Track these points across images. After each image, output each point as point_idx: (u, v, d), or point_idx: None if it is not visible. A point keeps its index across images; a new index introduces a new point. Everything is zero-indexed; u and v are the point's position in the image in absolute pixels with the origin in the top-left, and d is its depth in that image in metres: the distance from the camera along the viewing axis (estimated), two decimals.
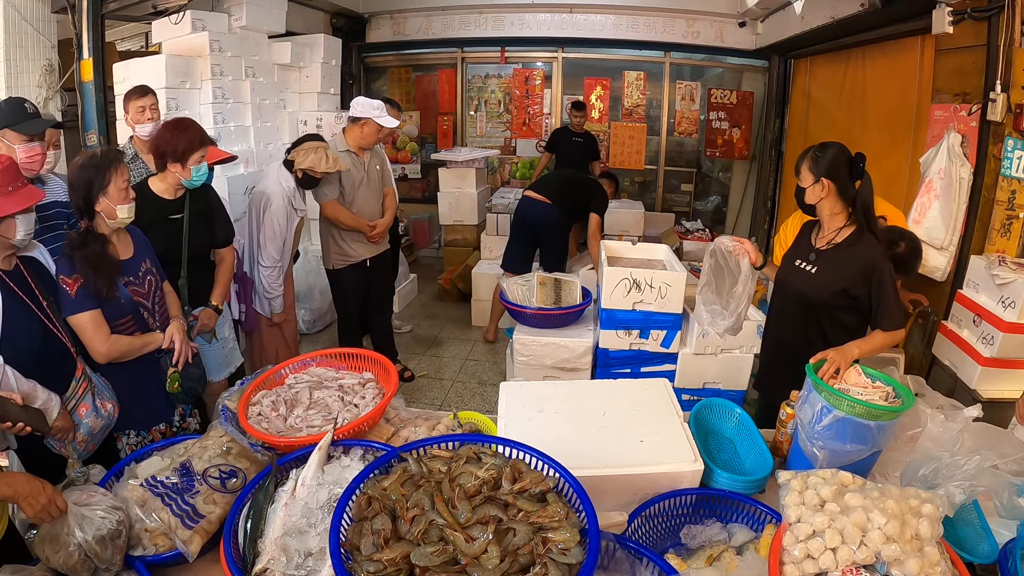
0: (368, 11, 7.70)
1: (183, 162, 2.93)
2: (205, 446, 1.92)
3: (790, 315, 2.72)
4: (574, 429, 2.01)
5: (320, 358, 2.38)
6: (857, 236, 2.53)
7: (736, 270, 2.73)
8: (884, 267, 2.45)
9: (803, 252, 2.69)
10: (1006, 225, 3.51)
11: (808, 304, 2.63)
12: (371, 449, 1.86)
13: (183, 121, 3.02)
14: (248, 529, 1.59)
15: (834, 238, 2.58)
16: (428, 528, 1.35)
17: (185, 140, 2.93)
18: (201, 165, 2.97)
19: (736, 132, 7.97)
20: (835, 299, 2.55)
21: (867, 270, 2.46)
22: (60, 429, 2.08)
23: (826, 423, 1.88)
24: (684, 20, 7.34)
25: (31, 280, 2.16)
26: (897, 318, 2.45)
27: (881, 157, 4.87)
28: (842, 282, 2.51)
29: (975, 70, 3.60)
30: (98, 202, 2.34)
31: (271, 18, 5.49)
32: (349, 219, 4.32)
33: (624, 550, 1.58)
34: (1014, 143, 3.39)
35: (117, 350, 2.37)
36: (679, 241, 6.68)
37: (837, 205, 2.55)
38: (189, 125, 3.00)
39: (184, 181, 2.97)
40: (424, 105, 8.55)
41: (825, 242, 2.61)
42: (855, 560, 1.41)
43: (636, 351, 3.73)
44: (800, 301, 2.66)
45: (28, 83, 4.11)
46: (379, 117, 4.24)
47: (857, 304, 2.53)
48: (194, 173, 2.97)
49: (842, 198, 2.54)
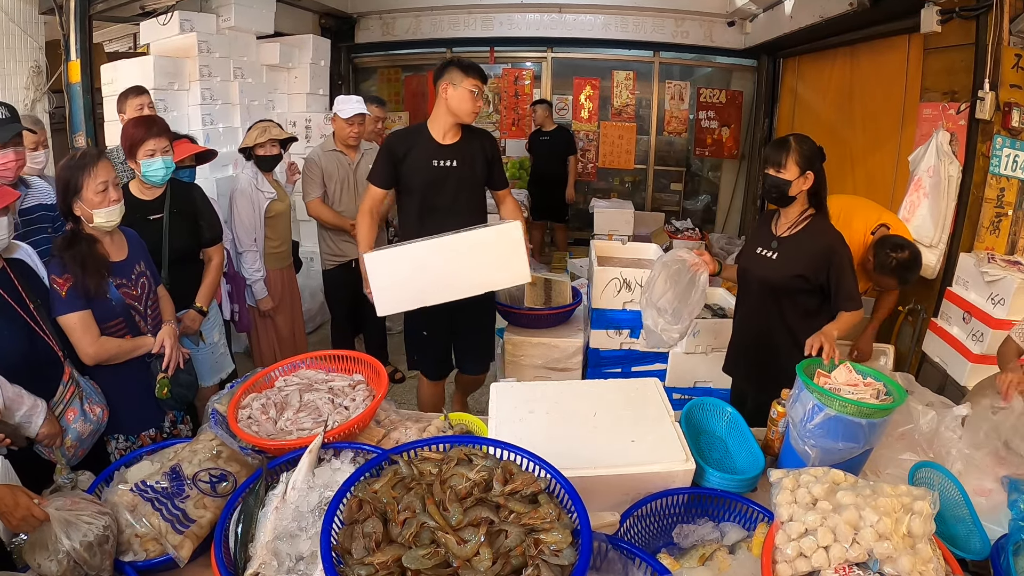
0: (357, 11, 7.67)
1: (133, 157, 2.86)
2: (195, 450, 1.90)
3: (752, 300, 2.85)
4: (565, 429, 2.00)
5: (310, 360, 2.37)
6: (816, 223, 2.66)
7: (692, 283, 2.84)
8: (842, 251, 2.60)
9: (764, 240, 2.79)
10: (995, 223, 3.53)
11: (769, 288, 2.75)
12: (362, 451, 1.85)
13: (140, 117, 2.96)
14: (239, 533, 1.58)
15: (795, 226, 2.70)
16: (419, 531, 1.34)
17: (128, 135, 2.85)
18: (153, 160, 2.85)
19: (725, 131, 7.99)
20: (794, 283, 2.67)
21: (826, 255, 2.59)
22: (47, 435, 2.06)
23: (817, 421, 1.88)
24: (673, 20, 7.35)
25: (17, 282, 2.14)
26: (856, 298, 2.60)
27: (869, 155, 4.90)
28: (801, 267, 2.63)
29: (963, 69, 3.62)
30: (75, 206, 2.32)
31: (259, 19, 5.47)
32: (331, 218, 4.32)
33: (616, 550, 1.58)
34: (1002, 141, 3.41)
35: (105, 352, 2.35)
36: (669, 240, 6.68)
37: (805, 194, 2.65)
38: (142, 121, 2.91)
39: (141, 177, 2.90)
40: (413, 105, 8.52)
41: (786, 229, 2.71)
42: (848, 558, 1.41)
43: (627, 351, 3.74)
44: (762, 286, 2.78)
45: (15, 85, 4.08)
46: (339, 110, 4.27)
47: (815, 288, 2.65)
48: (144, 168, 2.86)
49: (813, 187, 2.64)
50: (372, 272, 2.87)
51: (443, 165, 3.23)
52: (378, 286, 2.90)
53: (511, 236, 2.94)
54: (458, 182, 3.27)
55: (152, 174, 2.88)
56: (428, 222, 3.18)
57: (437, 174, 3.23)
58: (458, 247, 2.88)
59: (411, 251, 2.87)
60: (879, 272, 3.20)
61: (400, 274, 2.88)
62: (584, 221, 7.59)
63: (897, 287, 3.37)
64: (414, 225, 3.27)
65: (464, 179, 3.29)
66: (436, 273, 2.89)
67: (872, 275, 3.26)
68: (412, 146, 3.22)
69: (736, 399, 3.00)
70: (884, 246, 3.18)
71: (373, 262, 2.87)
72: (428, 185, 3.24)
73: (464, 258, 2.90)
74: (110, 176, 2.34)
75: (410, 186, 3.26)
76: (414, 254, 2.87)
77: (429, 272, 2.88)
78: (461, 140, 3.28)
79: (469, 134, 3.30)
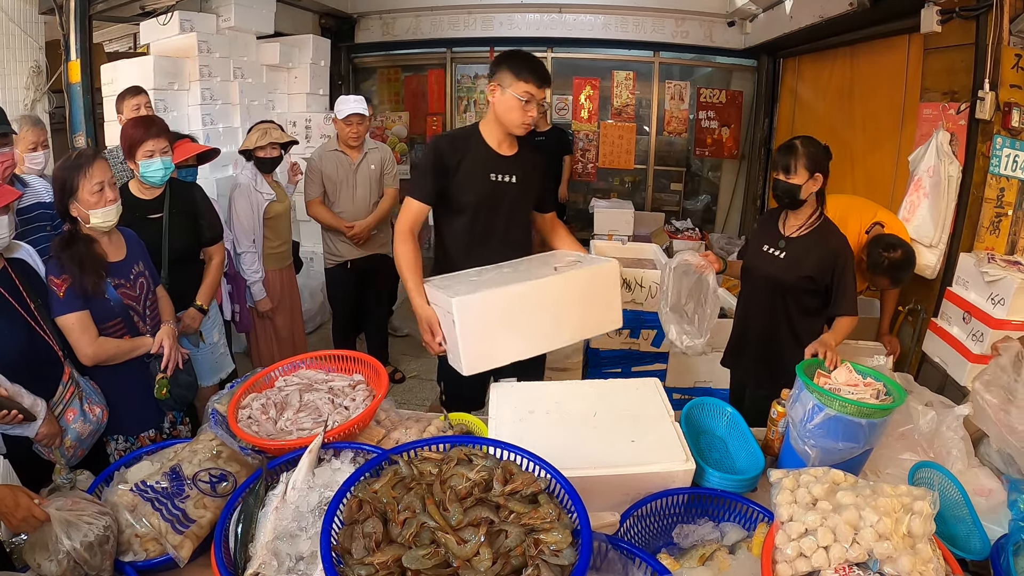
0: (357, 12, 7.67)
1: (132, 157, 2.87)
2: (195, 450, 1.90)
3: (758, 297, 2.91)
4: (565, 430, 2.00)
5: (310, 360, 2.37)
6: (824, 227, 2.74)
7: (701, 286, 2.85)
8: (847, 256, 2.68)
9: (771, 238, 2.85)
10: (995, 223, 3.53)
11: (775, 286, 2.80)
12: (362, 451, 1.85)
13: (139, 118, 2.95)
14: (239, 533, 1.57)
15: (804, 227, 2.76)
16: (419, 531, 1.34)
17: (127, 136, 2.87)
18: (152, 161, 2.86)
19: (725, 131, 7.98)
20: (801, 283, 2.73)
21: (832, 258, 2.66)
22: (46, 435, 2.07)
23: (818, 421, 1.89)
24: (673, 20, 7.34)
25: (18, 282, 2.14)
26: (854, 304, 2.67)
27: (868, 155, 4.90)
28: (809, 268, 2.69)
29: (963, 69, 3.62)
30: (72, 207, 2.32)
31: (259, 19, 5.48)
32: (328, 218, 4.34)
33: (616, 550, 1.58)
34: (1002, 141, 3.41)
35: (104, 352, 2.35)
36: (669, 240, 6.67)
37: (814, 196, 2.71)
38: (141, 121, 2.91)
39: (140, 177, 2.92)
40: (413, 105, 8.52)
41: (795, 230, 2.77)
42: (848, 558, 1.41)
43: (627, 351, 3.74)
44: (767, 284, 2.83)
45: (15, 85, 4.08)
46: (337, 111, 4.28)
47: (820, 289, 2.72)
48: (143, 168, 2.87)
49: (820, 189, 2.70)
50: (464, 321, 2.32)
51: (501, 180, 2.71)
52: (468, 339, 2.35)
53: (611, 278, 2.61)
54: (513, 202, 2.77)
55: (151, 175, 2.89)
56: (477, 251, 2.73)
57: (494, 190, 2.70)
58: (556, 290, 2.46)
59: (508, 295, 2.38)
60: (872, 271, 3.22)
61: (492, 323, 2.38)
62: (584, 221, 7.57)
63: (890, 287, 3.39)
64: (460, 254, 2.76)
65: (519, 199, 2.79)
66: (531, 321, 2.44)
67: (866, 274, 3.27)
68: (465, 154, 2.68)
69: (734, 393, 3.09)
70: (877, 245, 3.20)
71: (464, 309, 2.31)
72: (482, 203, 2.70)
73: (562, 303, 2.50)
74: (106, 176, 2.34)
75: (460, 203, 2.70)
76: (511, 298, 2.39)
77: (524, 319, 2.43)
78: (521, 151, 2.78)
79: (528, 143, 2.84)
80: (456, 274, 2.61)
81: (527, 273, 2.49)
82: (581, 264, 2.58)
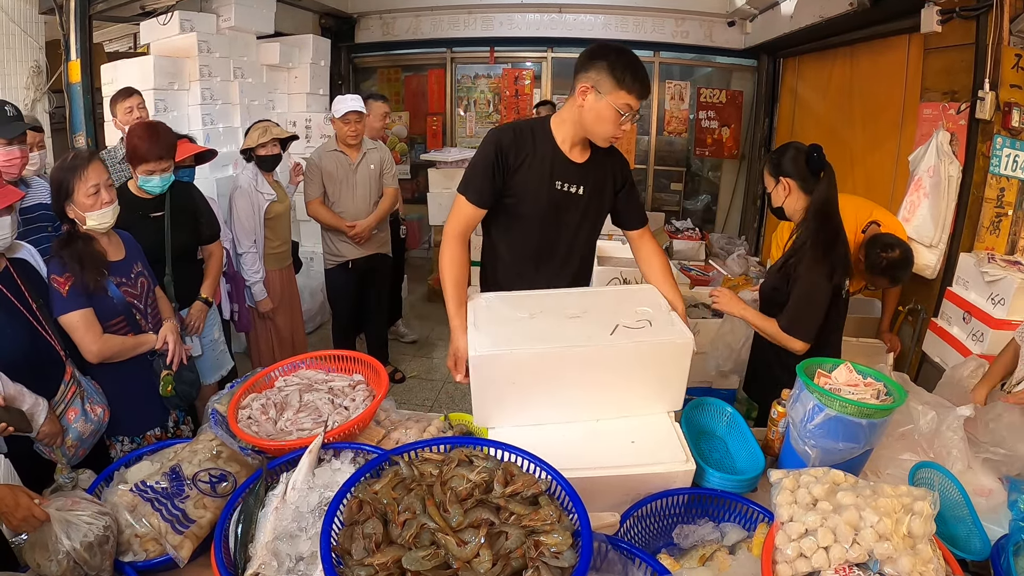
0: (357, 11, 7.67)
1: (132, 166, 2.92)
2: (195, 450, 1.90)
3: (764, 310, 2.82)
4: (566, 430, 2.00)
5: (310, 360, 2.37)
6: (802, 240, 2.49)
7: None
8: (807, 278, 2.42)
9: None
10: (995, 222, 3.53)
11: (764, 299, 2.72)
12: (362, 452, 1.85)
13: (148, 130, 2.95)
14: (239, 533, 1.57)
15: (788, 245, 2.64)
16: (420, 532, 1.34)
17: (132, 146, 2.90)
18: (151, 177, 2.91)
19: (725, 131, 7.98)
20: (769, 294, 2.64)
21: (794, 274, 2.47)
22: (48, 434, 2.07)
23: (818, 422, 1.88)
24: (673, 20, 7.34)
25: (20, 282, 2.14)
26: (795, 327, 2.40)
27: (869, 155, 4.90)
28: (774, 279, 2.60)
29: (963, 68, 3.62)
30: (68, 208, 2.33)
31: (259, 19, 5.48)
32: (329, 218, 4.34)
33: (616, 551, 1.58)
34: (1002, 141, 3.41)
35: (109, 349, 2.36)
36: (669, 240, 6.67)
37: (800, 202, 2.52)
38: (148, 136, 2.91)
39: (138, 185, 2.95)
40: (413, 105, 8.52)
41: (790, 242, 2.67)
42: (848, 558, 1.41)
43: None
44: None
45: (15, 85, 4.08)
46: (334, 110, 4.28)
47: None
48: (141, 182, 2.93)
49: (805, 194, 2.50)
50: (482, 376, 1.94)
51: (567, 190, 2.32)
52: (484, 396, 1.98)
53: (681, 356, 2.02)
54: (581, 217, 2.40)
55: (149, 188, 2.95)
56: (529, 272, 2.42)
57: (560, 201, 2.33)
58: (608, 357, 1.96)
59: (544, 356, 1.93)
60: (870, 272, 3.19)
61: (518, 383, 1.95)
62: None
63: (889, 287, 3.38)
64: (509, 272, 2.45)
65: (588, 214, 2.41)
66: (566, 388, 1.99)
67: (864, 275, 3.26)
68: (528, 153, 2.29)
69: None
70: (875, 245, 3.17)
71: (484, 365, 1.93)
72: (541, 215, 2.34)
73: (611, 372, 2.00)
74: (102, 179, 2.35)
75: (515, 211, 2.35)
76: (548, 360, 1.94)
77: (558, 384, 1.98)
78: (594, 157, 2.37)
79: (602, 149, 2.38)
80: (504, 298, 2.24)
81: (584, 325, 2.03)
82: (650, 329, 2.03)
